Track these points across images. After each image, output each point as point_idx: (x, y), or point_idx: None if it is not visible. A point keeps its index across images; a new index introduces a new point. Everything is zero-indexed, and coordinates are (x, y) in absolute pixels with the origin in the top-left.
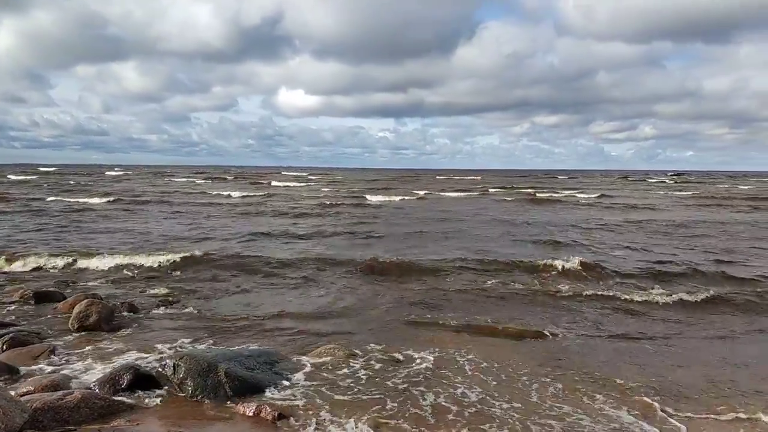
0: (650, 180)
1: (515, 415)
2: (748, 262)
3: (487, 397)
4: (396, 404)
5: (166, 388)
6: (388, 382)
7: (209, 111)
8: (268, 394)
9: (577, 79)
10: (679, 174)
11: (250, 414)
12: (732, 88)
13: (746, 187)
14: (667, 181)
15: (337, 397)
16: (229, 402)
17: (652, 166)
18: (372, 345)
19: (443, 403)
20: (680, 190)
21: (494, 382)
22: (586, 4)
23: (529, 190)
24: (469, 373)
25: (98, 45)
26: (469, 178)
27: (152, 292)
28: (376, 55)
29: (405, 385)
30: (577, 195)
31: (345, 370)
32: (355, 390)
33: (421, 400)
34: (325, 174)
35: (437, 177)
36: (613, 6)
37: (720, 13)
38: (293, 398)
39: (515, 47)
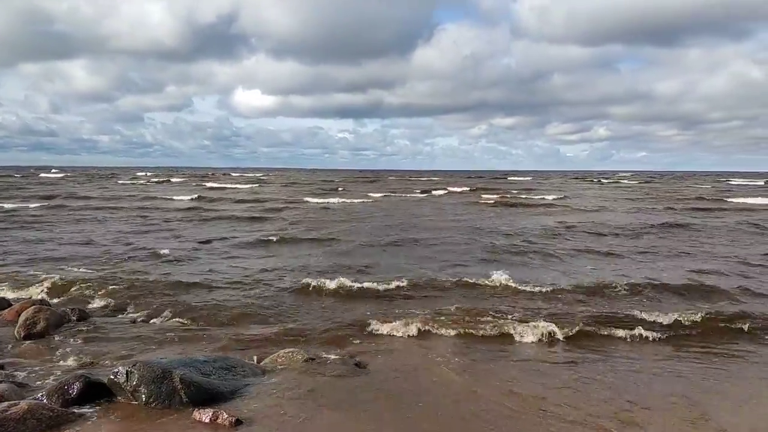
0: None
1: None
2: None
3: None
4: (355, 408)
5: (119, 396)
6: (348, 386)
7: (163, 111)
8: (225, 399)
9: (533, 81)
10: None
11: (207, 420)
12: (681, 91)
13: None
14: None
15: (295, 401)
16: (184, 409)
17: (606, 166)
18: (329, 349)
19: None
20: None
21: None
22: (540, 7)
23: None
24: None
25: (43, 42)
26: (424, 179)
27: (100, 301)
28: (334, 55)
29: (365, 389)
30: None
31: (303, 374)
32: (314, 394)
33: (381, 404)
34: (278, 175)
35: (389, 177)
36: (567, 9)
37: (669, 17)
38: (251, 403)
39: (472, 49)
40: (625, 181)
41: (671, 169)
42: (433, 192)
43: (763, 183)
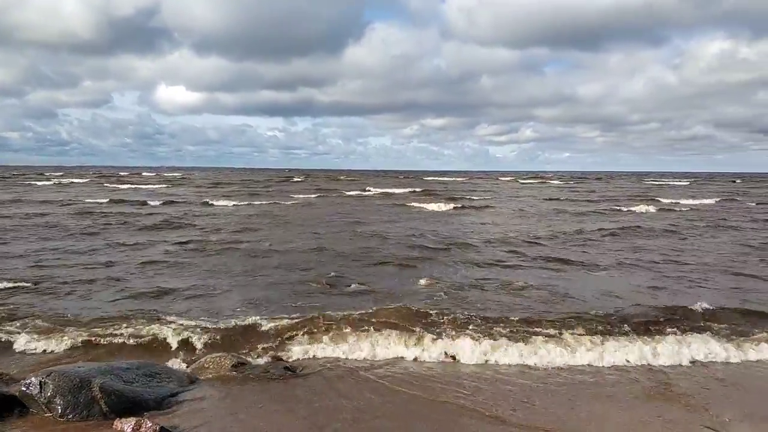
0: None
1: None
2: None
3: None
4: (285, 412)
5: (32, 409)
6: (278, 392)
7: (80, 107)
8: (150, 408)
9: (463, 83)
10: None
11: (129, 430)
12: (603, 94)
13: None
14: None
15: (222, 407)
16: (104, 419)
17: (533, 167)
18: (258, 352)
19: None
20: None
21: None
22: (468, 9)
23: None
24: None
25: None
26: (347, 178)
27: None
28: (261, 52)
29: (296, 394)
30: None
31: (231, 380)
32: (243, 401)
33: (312, 406)
34: (188, 174)
35: (294, 179)
36: (494, 12)
37: (591, 22)
38: (177, 411)
39: (403, 49)
40: (556, 182)
41: (595, 169)
42: (362, 192)
43: (687, 183)
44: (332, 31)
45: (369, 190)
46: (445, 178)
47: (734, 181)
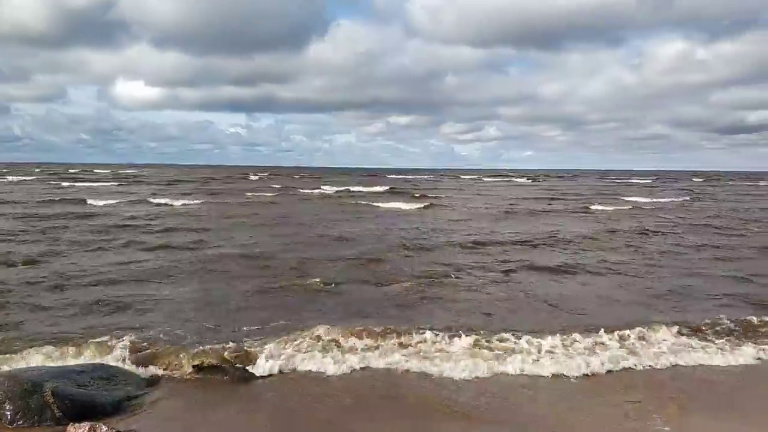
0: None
1: None
2: None
3: None
4: (246, 415)
5: None
6: (237, 393)
7: (33, 102)
8: (105, 412)
9: (428, 81)
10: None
11: None
12: (564, 93)
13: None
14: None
15: (182, 411)
16: (57, 425)
17: (497, 165)
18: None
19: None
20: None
21: None
22: (432, 8)
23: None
24: None
25: None
26: (301, 175)
27: None
28: (223, 47)
29: (257, 396)
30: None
31: (190, 382)
32: (201, 402)
33: (275, 410)
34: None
35: (251, 176)
36: (458, 10)
37: (552, 23)
38: (134, 414)
39: (367, 46)
40: (522, 180)
41: (556, 167)
42: (321, 189)
43: (651, 181)
44: (295, 27)
45: (325, 188)
46: (415, 176)
47: (692, 180)
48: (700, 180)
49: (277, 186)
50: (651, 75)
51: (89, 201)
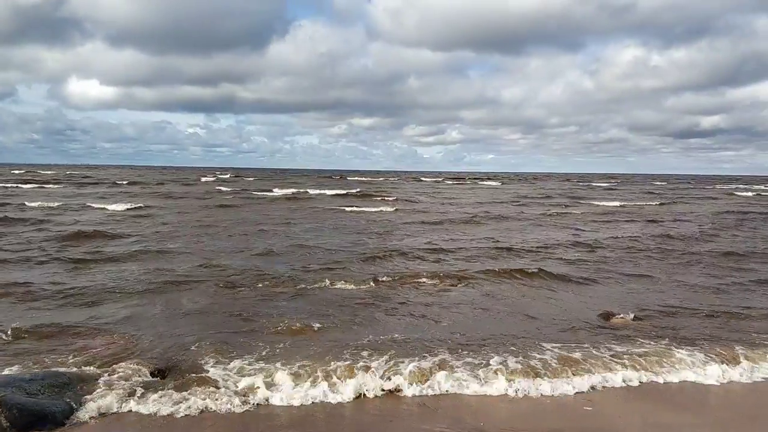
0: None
1: None
2: None
3: None
4: (207, 419)
5: None
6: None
7: None
8: (57, 422)
9: (390, 83)
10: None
11: None
12: (524, 97)
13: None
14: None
15: (140, 419)
16: None
17: (459, 168)
18: (180, 360)
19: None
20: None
21: None
22: (394, 10)
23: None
24: None
25: None
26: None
27: None
28: (180, 45)
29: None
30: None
31: (149, 389)
32: (160, 410)
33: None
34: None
35: (207, 176)
36: (419, 13)
37: (512, 27)
38: (88, 424)
39: (329, 47)
40: (494, 183)
41: (517, 170)
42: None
43: (616, 182)
44: (255, 27)
45: (276, 191)
46: (375, 179)
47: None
48: (663, 183)
49: (226, 189)
50: (608, 80)
51: (26, 204)
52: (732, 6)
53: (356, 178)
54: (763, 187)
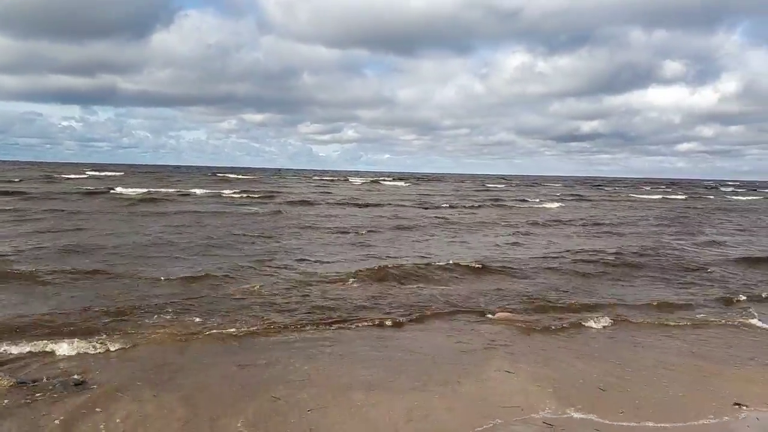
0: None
1: None
2: None
3: None
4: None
5: None
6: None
7: None
8: None
9: (284, 79)
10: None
11: None
12: (419, 98)
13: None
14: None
15: None
16: None
17: (356, 167)
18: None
19: None
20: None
21: None
22: (286, 4)
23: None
24: None
25: None
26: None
27: None
28: (50, 30)
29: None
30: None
31: (12, 405)
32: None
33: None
34: None
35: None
36: (313, 8)
37: (406, 28)
38: None
39: (218, 39)
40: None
41: (413, 170)
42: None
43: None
44: (136, 14)
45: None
46: (263, 176)
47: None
48: (558, 185)
49: (90, 187)
50: (497, 84)
51: None
52: (609, 17)
53: (237, 176)
54: (670, 190)
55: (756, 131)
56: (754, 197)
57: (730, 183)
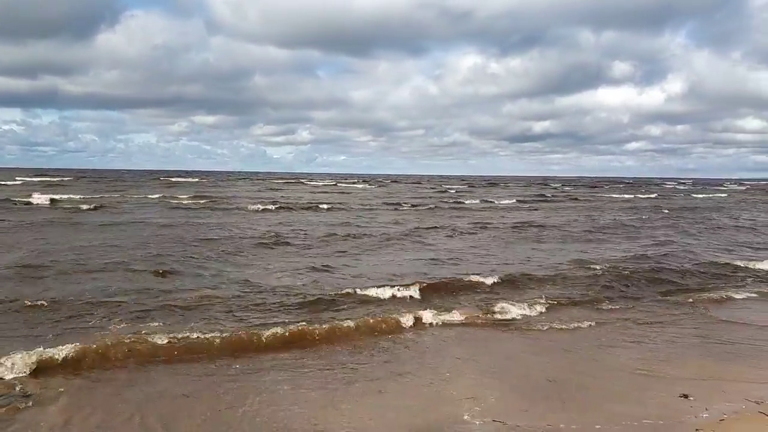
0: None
1: None
2: None
3: None
4: None
5: None
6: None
7: None
8: None
9: (235, 80)
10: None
11: None
12: (373, 100)
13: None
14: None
15: None
16: None
17: (311, 169)
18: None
19: None
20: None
21: None
22: (235, 3)
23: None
24: None
25: None
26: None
27: None
28: None
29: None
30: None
31: None
32: None
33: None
34: None
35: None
36: (262, 8)
37: (358, 28)
38: None
39: (166, 40)
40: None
41: (369, 172)
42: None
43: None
44: (78, 14)
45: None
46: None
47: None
48: (519, 185)
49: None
50: (451, 85)
51: None
52: (559, 19)
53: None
54: (644, 190)
55: (701, 130)
56: (710, 194)
57: (683, 180)
